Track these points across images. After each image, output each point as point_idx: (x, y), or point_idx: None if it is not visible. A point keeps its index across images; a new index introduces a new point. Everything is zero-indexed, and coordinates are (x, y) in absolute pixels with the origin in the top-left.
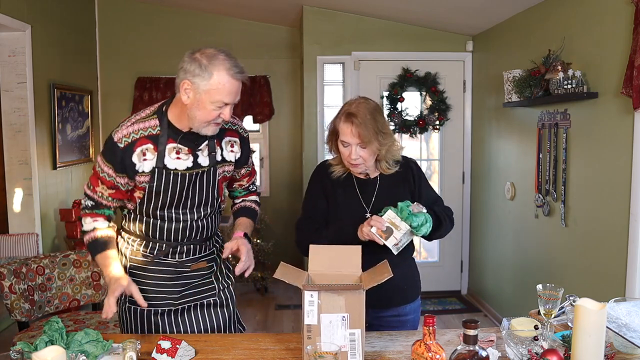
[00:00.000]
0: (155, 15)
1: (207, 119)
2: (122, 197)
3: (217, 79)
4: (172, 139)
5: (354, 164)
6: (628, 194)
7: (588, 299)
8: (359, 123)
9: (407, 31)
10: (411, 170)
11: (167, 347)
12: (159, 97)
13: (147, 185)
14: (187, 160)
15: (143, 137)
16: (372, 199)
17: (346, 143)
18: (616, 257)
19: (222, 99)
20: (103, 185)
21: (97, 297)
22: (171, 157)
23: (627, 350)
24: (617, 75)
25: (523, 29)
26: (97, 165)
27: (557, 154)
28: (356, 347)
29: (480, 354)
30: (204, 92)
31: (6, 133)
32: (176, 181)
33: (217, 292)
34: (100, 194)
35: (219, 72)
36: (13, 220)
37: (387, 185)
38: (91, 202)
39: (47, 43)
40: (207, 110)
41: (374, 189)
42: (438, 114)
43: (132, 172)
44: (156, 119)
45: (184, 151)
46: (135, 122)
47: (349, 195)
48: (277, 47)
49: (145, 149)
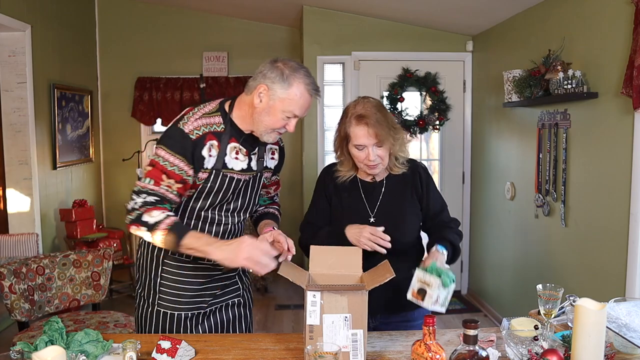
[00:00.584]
0: (155, 15)
1: (274, 127)
2: (184, 193)
3: (295, 91)
4: (234, 138)
5: (373, 165)
6: (628, 194)
7: (588, 299)
8: (372, 123)
9: (407, 31)
10: (419, 174)
11: (167, 347)
12: (159, 97)
13: (202, 183)
14: (243, 162)
15: (211, 133)
16: (377, 203)
17: (361, 146)
18: (616, 257)
19: (294, 110)
20: (171, 179)
21: (97, 297)
22: (231, 157)
23: (627, 350)
24: (617, 75)
25: (523, 29)
26: (159, 159)
27: (557, 154)
28: (358, 348)
29: (480, 354)
30: (278, 100)
31: (6, 133)
32: (230, 184)
33: (240, 292)
34: (168, 188)
35: (298, 84)
36: (13, 220)
37: (393, 189)
38: (154, 197)
39: (47, 43)
40: (277, 118)
41: (379, 192)
42: (438, 114)
43: (199, 166)
44: (219, 116)
45: (243, 152)
46: (201, 117)
47: (353, 199)
48: (277, 47)
49: (212, 144)
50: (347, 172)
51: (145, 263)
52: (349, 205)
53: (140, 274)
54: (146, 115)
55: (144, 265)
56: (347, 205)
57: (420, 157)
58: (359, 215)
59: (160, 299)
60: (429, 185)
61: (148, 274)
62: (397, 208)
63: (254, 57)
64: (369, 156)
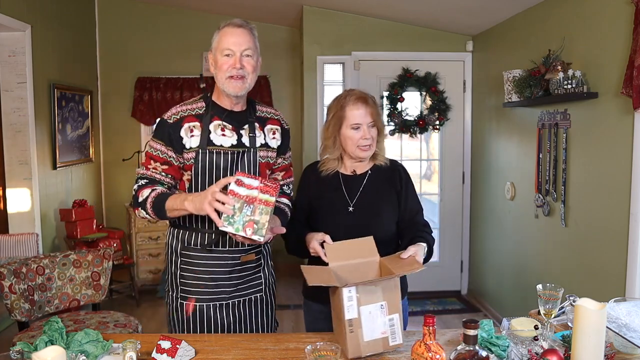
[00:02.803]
0: (155, 15)
1: (223, 72)
2: (176, 174)
3: (221, 33)
4: (217, 116)
5: (366, 146)
6: (628, 194)
7: (588, 299)
8: (370, 104)
9: (407, 31)
10: (399, 172)
11: (167, 347)
12: (159, 97)
13: (193, 163)
14: (231, 138)
15: (190, 115)
16: (357, 194)
17: (357, 125)
18: (616, 257)
19: (226, 46)
20: (156, 162)
21: (97, 297)
22: (217, 134)
23: (627, 350)
24: (617, 75)
25: (523, 29)
26: (147, 148)
27: (557, 154)
28: (396, 331)
29: (480, 354)
30: (215, 50)
31: (6, 133)
32: (219, 160)
33: (263, 287)
34: (154, 170)
35: (222, 28)
36: (13, 220)
37: (374, 182)
38: (144, 180)
39: (47, 43)
40: (219, 63)
41: (360, 184)
42: (438, 114)
43: (180, 146)
44: (202, 101)
45: (229, 128)
46: (183, 104)
47: (334, 189)
48: (277, 47)
49: (192, 125)
50: (331, 164)
51: (168, 258)
52: (329, 197)
53: (168, 270)
54: (146, 115)
55: (167, 260)
56: (328, 197)
57: (420, 157)
58: (338, 205)
59: (182, 291)
60: (408, 185)
61: (170, 267)
62: (376, 199)
63: None
64: (365, 134)
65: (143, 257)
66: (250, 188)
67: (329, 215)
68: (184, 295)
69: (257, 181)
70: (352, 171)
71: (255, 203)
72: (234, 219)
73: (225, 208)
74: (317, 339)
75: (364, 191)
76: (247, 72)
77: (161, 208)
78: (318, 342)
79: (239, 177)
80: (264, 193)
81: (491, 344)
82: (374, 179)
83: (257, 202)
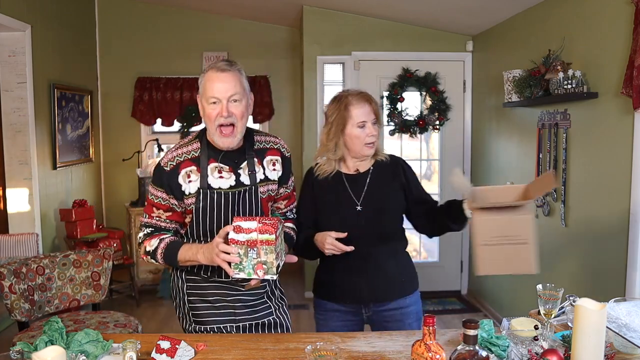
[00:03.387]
0: (155, 15)
1: (211, 122)
2: (179, 219)
3: (206, 78)
4: (213, 158)
5: (371, 143)
6: (628, 194)
7: (588, 299)
8: (373, 101)
9: (407, 31)
10: (401, 166)
11: (166, 347)
12: (159, 97)
13: (194, 207)
14: (229, 179)
15: (187, 160)
16: (363, 192)
17: (363, 123)
18: (616, 257)
19: (211, 94)
20: (159, 210)
21: (97, 297)
22: (214, 177)
23: (627, 350)
24: (617, 75)
25: (523, 29)
26: (149, 195)
27: (557, 154)
28: None
29: (480, 354)
30: (202, 97)
31: (6, 133)
32: (220, 201)
33: (273, 311)
34: (158, 218)
35: (207, 72)
36: (13, 220)
37: (378, 178)
38: (150, 228)
39: (47, 43)
40: (207, 112)
41: (364, 182)
42: (438, 114)
43: (180, 193)
44: (198, 142)
45: (226, 170)
46: (179, 147)
47: (339, 190)
48: (277, 47)
49: (189, 170)
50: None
51: (174, 284)
52: (335, 198)
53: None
54: (146, 115)
55: (174, 287)
56: (333, 198)
57: (420, 157)
58: (346, 205)
59: (194, 315)
60: (412, 176)
61: (178, 293)
62: (382, 195)
63: (254, 57)
64: (371, 132)
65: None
66: (249, 232)
67: (337, 216)
68: (195, 319)
69: (254, 222)
70: (355, 170)
71: (258, 245)
72: (242, 265)
73: (232, 257)
74: (317, 339)
75: (369, 189)
76: (235, 119)
77: (173, 259)
78: (318, 342)
79: (237, 224)
80: (262, 233)
81: (491, 344)
82: (377, 176)
83: (259, 244)
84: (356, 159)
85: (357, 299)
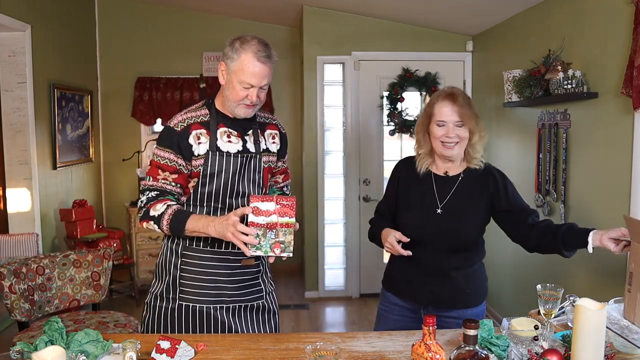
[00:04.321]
0: (155, 15)
1: (237, 99)
2: (184, 182)
3: (243, 61)
4: (222, 123)
5: (449, 143)
6: (628, 194)
7: (588, 299)
8: (459, 102)
9: (407, 31)
10: (493, 178)
11: (166, 347)
12: (159, 97)
13: (201, 168)
14: (237, 144)
15: (197, 123)
16: (448, 197)
17: (443, 122)
18: (616, 257)
19: (247, 80)
20: (165, 172)
21: (97, 297)
22: (223, 140)
23: (627, 350)
24: (617, 75)
25: (523, 29)
26: (154, 157)
27: (557, 154)
28: None
29: (480, 354)
30: (232, 73)
31: (6, 133)
32: (229, 164)
33: (263, 294)
34: (164, 180)
35: (246, 54)
36: (13, 220)
37: (466, 185)
38: (155, 192)
39: (47, 43)
40: (236, 90)
41: (451, 187)
42: None
43: (189, 154)
44: (205, 108)
45: (234, 135)
46: (187, 112)
47: (424, 188)
48: (277, 47)
49: (199, 133)
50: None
51: (166, 259)
52: (419, 195)
53: (160, 273)
54: (146, 115)
55: (165, 262)
56: (417, 195)
57: None
58: (427, 205)
59: (182, 292)
60: (506, 186)
61: (168, 270)
62: (466, 204)
63: None
64: (449, 132)
65: (143, 257)
66: (268, 214)
67: (416, 214)
68: (182, 296)
69: (272, 203)
70: (445, 172)
71: (277, 228)
72: (260, 244)
73: (250, 239)
74: (317, 339)
75: (454, 194)
76: (260, 102)
77: (180, 228)
78: (318, 342)
79: (255, 204)
80: (282, 216)
81: (491, 344)
82: (465, 183)
83: (279, 226)
84: (443, 160)
85: (416, 299)
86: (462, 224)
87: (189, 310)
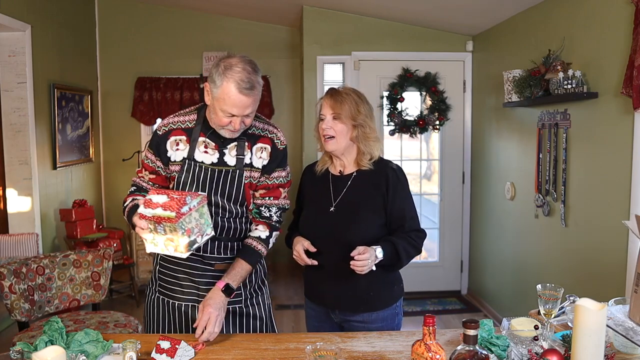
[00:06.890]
0: (155, 15)
1: (220, 124)
2: (162, 183)
3: (224, 89)
4: (203, 133)
5: (326, 135)
6: (628, 194)
7: (588, 299)
8: (336, 98)
9: (407, 31)
10: (386, 177)
11: (166, 347)
12: (159, 97)
13: (176, 175)
14: (212, 156)
15: (179, 129)
16: (340, 196)
17: (323, 116)
18: (616, 257)
19: (229, 110)
20: (146, 170)
21: (97, 297)
22: (200, 150)
23: (627, 350)
24: (617, 75)
25: (523, 29)
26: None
27: (557, 154)
28: None
29: (480, 354)
30: (215, 99)
31: (6, 133)
32: (201, 175)
33: (242, 299)
34: (142, 178)
35: (227, 83)
36: (13, 220)
37: (358, 184)
38: (134, 187)
39: (47, 43)
40: (219, 116)
41: (344, 185)
42: (438, 114)
43: (166, 158)
44: (195, 113)
45: (211, 146)
46: (176, 116)
47: (321, 188)
48: (277, 47)
49: (178, 139)
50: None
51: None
52: (317, 196)
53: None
54: (146, 115)
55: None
56: (316, 196)
57: (420, 157)
58: (323, 205)
59: (160, 285)
60: (396, 188)
61: (154, 262)
62: (357, 202)
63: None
64: (325, 125)
65: (143, 257)
66: (155, 207)
67: (312, 214)
68: (160, 290)
69: (164, 197)
70: (339, 171)
71: (163, 222)
72: (156, 240)
73: (142, 232)
74: (317, 339)
75: (347, 192)
76: (245, 126)
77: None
78: (318, 342)
79: (149, 197)
80: (165, 210)
81: (491, 344)
82: (358, 182)
83: (164, 220)
84: (335, 157)
85: (324, 303)
86: (354, 222)
87: (166, 305)
